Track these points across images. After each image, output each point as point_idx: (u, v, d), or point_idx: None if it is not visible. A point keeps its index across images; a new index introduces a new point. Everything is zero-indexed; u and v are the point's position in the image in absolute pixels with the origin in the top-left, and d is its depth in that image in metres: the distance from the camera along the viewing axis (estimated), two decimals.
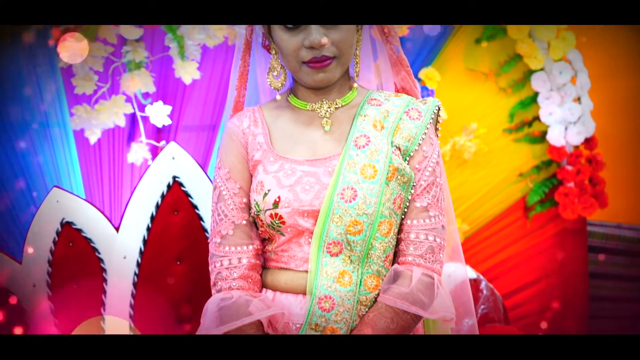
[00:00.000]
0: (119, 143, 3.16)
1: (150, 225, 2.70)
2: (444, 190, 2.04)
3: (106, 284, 2.70)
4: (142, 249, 2.70)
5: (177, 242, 2.72)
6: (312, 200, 1.94)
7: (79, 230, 2.70)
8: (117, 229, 2.71)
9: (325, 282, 1.93)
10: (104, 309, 2.70)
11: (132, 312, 2.69)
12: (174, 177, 2.71)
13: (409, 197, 1.99)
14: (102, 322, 2.70)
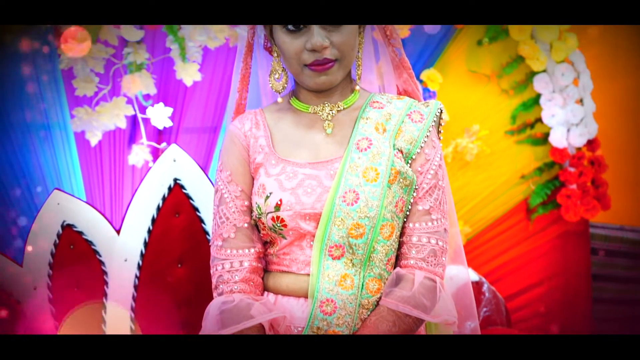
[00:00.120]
0: (120, 145, 3.15)
1: (151, 228, 2.70)
2: (446, 193, 2.03)
3: (107, 287, 2.70)
4: (143, 251, 2.70)
5: (178, 245, 2.72)
6: (313, 203, 1.93)
7: (80, 233, 2.70)
8: (118, 232, 2.71)
9: (327, 286, 1.93)
10: (105, 312, 2.70)
11: (133, 315, 2.68)
12: (175, 180, 2.71)
13: (411, 200, 1.98)
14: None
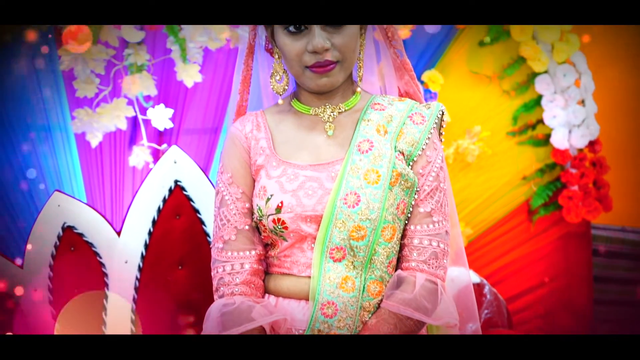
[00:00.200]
0: (121, 146, 3.15)
1: (151, 230, 2.70)
2: (447, 196, 2.02)
3: (108, 289, 2.69)
4: (144, 253, 2.69)
5: (179, 247, 2.71)
6: (315, 206, 1.93)
7: (81, 235, 2.70)
8: (118, 233, 2.71)
9: (328, 288, 1.92)
10: (106, 314, 2.69)
11: (134, 317, 2.68)
12: (176, 181, 2.70)
13: (413, 203, 1.98)
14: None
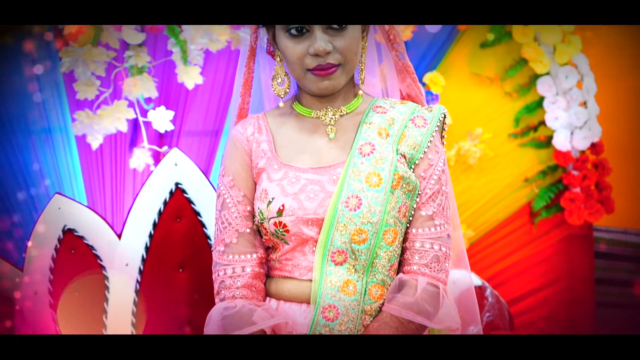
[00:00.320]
0: (121, 148, 3.15)
1: (152, 232, 2.69)
2: (449, 199, 2.02)
3: (108, 292, 2.69)
4: (145, 256, 2.69)
5: (180, 249, 2.71)
6: (316, 209, 1.92)
7: (81, 238, 2.70)
8: (119, 236, 2.70)
9: (329, 292, 1.91)
10: (106, 316, 2.69)
11: (134, 320, 2.68)
12: (177, 184, 2.70)
13: (414, 206, 1.97)
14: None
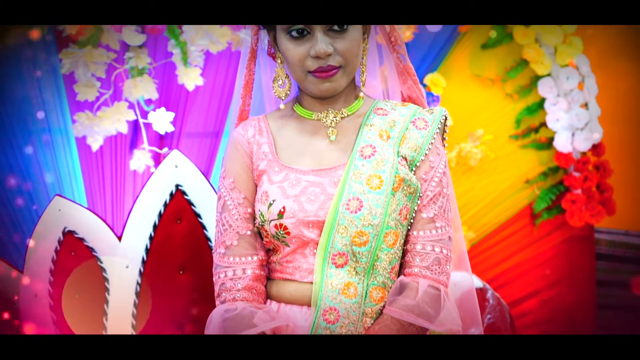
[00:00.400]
0: (122, 150, 3.14)
1: (152, 234, 2.69)
2: (450, 201, 2.01)
3: (108, 294, 2.68)
4: (145, 258, 2.69)
5: (180, 251, 2.71)
6: (317, 211, 1.92)
7: (81, 239, 2.69)
8: (119, 238, 2.70)
9: (330, 294, 1.91)
10: (106, 319, 2.69)
11: (135, 322, 2.67)
12: (177, 186, 2.69)
13: (415, 208, 1.97)
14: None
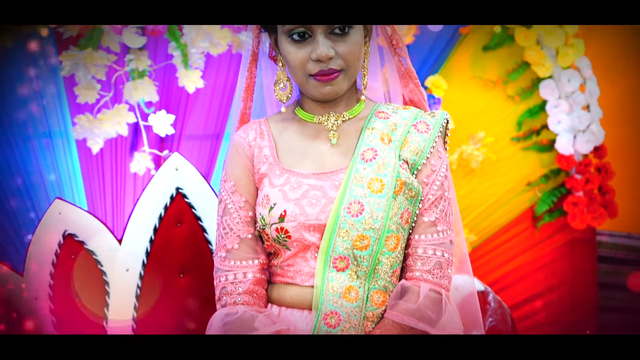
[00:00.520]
0: (122, 153, 3.15)
1: (153, 237, 2.68)
2: (452, 205, 2.01)
3: (108, 297, 2.68)
4: (145, 261, 2.68)
5: (181, 255, 2.70)
6: (318, 215, 1.92)
7: (82, 243, 2.68)
8: (119, 241, 2.69)
9: (331, 298, 1.91)
10: (107, 322, 2.68)
11: (135, 326, 2.67)
12: (177, 189, 2.69)
13: (417, 212, 1.96)
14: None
